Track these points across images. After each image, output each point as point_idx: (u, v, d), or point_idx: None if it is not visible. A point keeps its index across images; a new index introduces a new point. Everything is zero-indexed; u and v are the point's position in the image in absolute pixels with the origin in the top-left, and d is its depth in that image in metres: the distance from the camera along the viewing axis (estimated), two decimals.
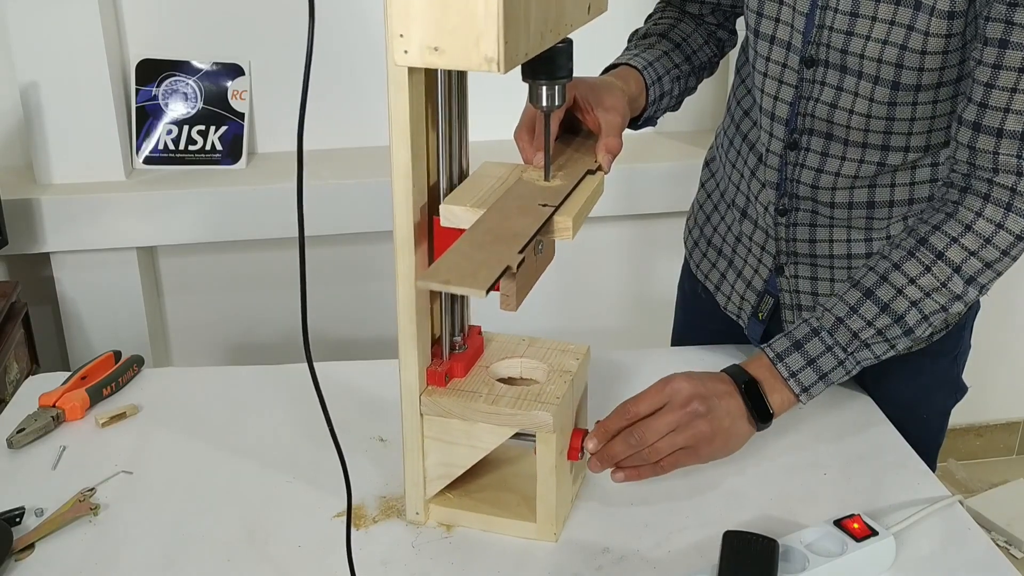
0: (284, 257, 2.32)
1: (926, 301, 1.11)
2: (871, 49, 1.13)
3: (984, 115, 1.07)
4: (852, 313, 1.12)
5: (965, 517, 1.14)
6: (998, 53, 1.04)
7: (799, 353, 1.13)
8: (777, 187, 1.30)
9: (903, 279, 1.11)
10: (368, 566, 1.04)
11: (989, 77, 1.05)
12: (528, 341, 1.15)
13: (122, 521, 1.13)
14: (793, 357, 1.13)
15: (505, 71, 0.86)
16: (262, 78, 2.26)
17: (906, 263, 1.11)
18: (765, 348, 1.15)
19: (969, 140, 1.09)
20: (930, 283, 1.10)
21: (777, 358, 1.13)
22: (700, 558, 1.07)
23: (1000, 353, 2.73)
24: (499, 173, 1.07)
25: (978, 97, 1.07)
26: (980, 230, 1.09)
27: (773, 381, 1.13)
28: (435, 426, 1.06)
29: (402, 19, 0.87)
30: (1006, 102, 1.05)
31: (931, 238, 1.10)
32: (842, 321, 1.12)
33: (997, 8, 1.03)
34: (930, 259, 1.10)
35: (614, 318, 2.56)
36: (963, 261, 1.09)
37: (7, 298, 1.94)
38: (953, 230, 1.10)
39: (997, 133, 1.06)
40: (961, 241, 1.09)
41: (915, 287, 1.10)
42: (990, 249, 1.09)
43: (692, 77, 1.37)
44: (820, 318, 1.14)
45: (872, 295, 1.12)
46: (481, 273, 0.88)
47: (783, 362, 1.13)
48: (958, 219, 1.10)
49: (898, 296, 1.11)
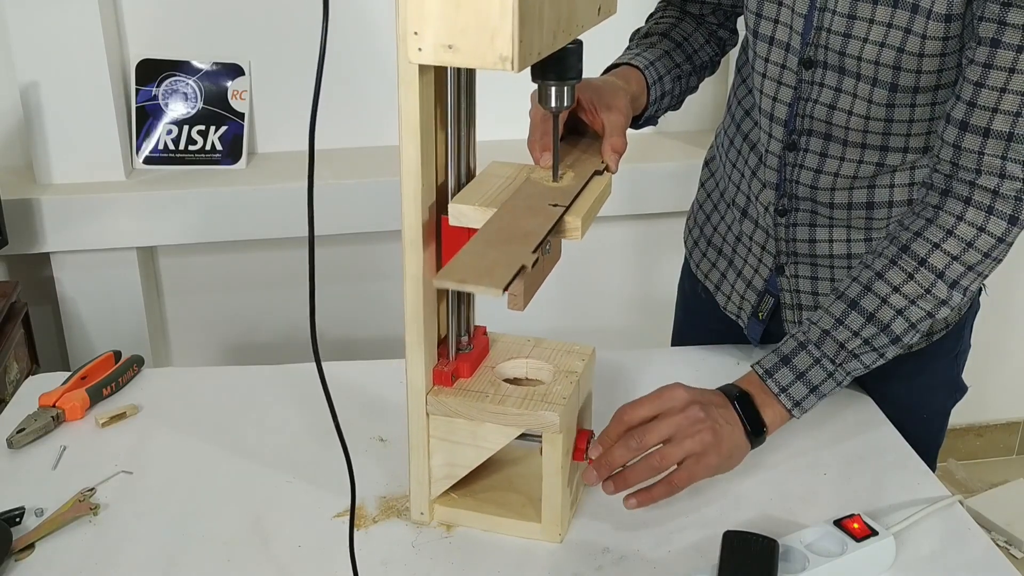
0: (284, 257, 2.32)
1: (911, 309, 1.10)
2: (868, 51, 1.13)
3: (972, 114, 1.06)
4: (838, 325, 1.12)
5: (965, 517, 1.14)
6: (989, 52, 1.04)
7: (788, 368, 1.13)
8: (776, 187, 1.30)
9: (887, 288, 1.10)
10: (368, 566, 1.04)
11: (979, 76, 1.05)
12: (534, 342, 1.15)
13: (122, 521, 1.13)
14: (782, 372, 1.13)
15: (519, 70, 0.86)
16: (262, 78, 2.26)
17: (889, 271, 1.10)
18: (754, 366, 1.15)
19: (955, 139, 1.08)
20: (914, 290, 1.10)
21: (767, 374, 1.13)
22: (700, 558, 1.07)
23: (1000, 353, 2.73)
24: (507, 173, 1.07)
25: (967, 96, 1.07)
26: (961, 234, 1.08)
27: (765, 397, 1.13)
28: (441, 426, 1.06)
29: (416, 17, 0.87)
30: (995, 101, 1.05)
31: (913, 245, 1.10)
32: (828, 333, 1.12)
33: (991, 8, 1.03)
34: (912, 266, 1.09)
35: (617, 317, 2.56)
36: (946, 266, 1.09)
37: (7, 298, 1.94)
38: (934, 236, 1.09)
39: (984, 132, 1.06)
40: (943, 246, 1.08)
41: (899, 295, 1.10)
42: (972, 252, 1.08)
43: (693, 76, 1.37)
44: (807, 332, 1.14)
45: (857, 306, 1.11)
46: (497, 272, 0.88)
47: (772, 378, 1.13)
48: (939, 224, 1.09)
49: (883, 305, 1.10)
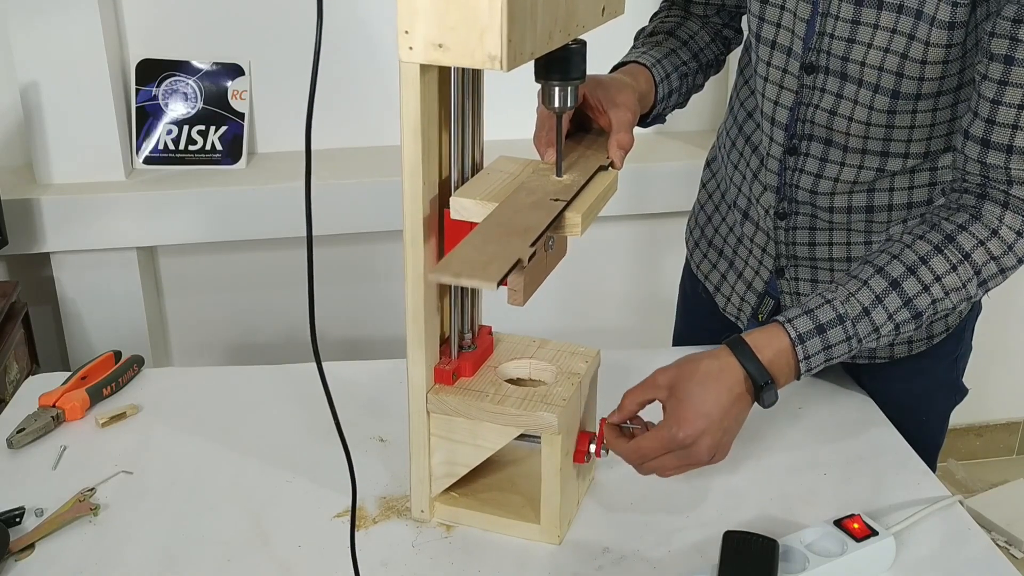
0: (284, 257, 2.32)
1: (944, 301, 1.09)
2: (872, 57, 1.13)
3: (992, 131, 1.06)
4: (877, 303, 1.08)
5: (965, 517, 1.14)
6: (1004, 69, 1.04)
7: (819, 338, 1.08)
8: (777, 191, 1.30)
9: (930, 275, 1.08)
10: (368, 566, 1.04)
11: (995, 93, 1.05)
12: (538, 343, 1.15)
13: (122, 521, 1.13)
14: (813, 342, 1.08)
15: (508, 69, 0.86)
16: (262, 78, 2.26)
17: (934, 259, 1.08)
18: (786, 326, 1.08)
19: (979, 155, 1.08)
20: (953, 283, 1.08)
21: (799, 339, 1.07)
22: (700, 558, 1.07)
23: (1000, 353, 2.73)
24: (512, 168, 1.07)
25: (985, 113, 1.06)
26: (1004, 236, 1.08)
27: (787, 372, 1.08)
28: (441, 424, 1.06)
29: (407, 15, 0.87)
30: (1014, 118, 1.05)
31: (959, 237, 1.08)
32: (867, 313, 1.08)
33: (1002, 24, 1.03)
34: (958, 258, 1.08)
35: (619, 317, 2.56)
36: (984, 264, 1.08)
37: (7, 298, 1.94)
38: (980, 233, 1.08)
39: (1007, 150, 1.06)
40: (987, 245, 1.08)
41: (939, 285, 1.08)
42: (1010, 256, 1.09)
43: (699, 74, 1.37)
44: (845, 303, 1.08)
45: (899, 287, 1.08)
46: (492, 266, 0.88)
47: (803, 345, 1.07)
48: (984, 223, 1.08)
49: (923, 293, 1.08)
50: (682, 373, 1.07)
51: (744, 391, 1.07)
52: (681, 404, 1.05)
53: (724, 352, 1.08)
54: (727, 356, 1.07)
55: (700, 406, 1.04)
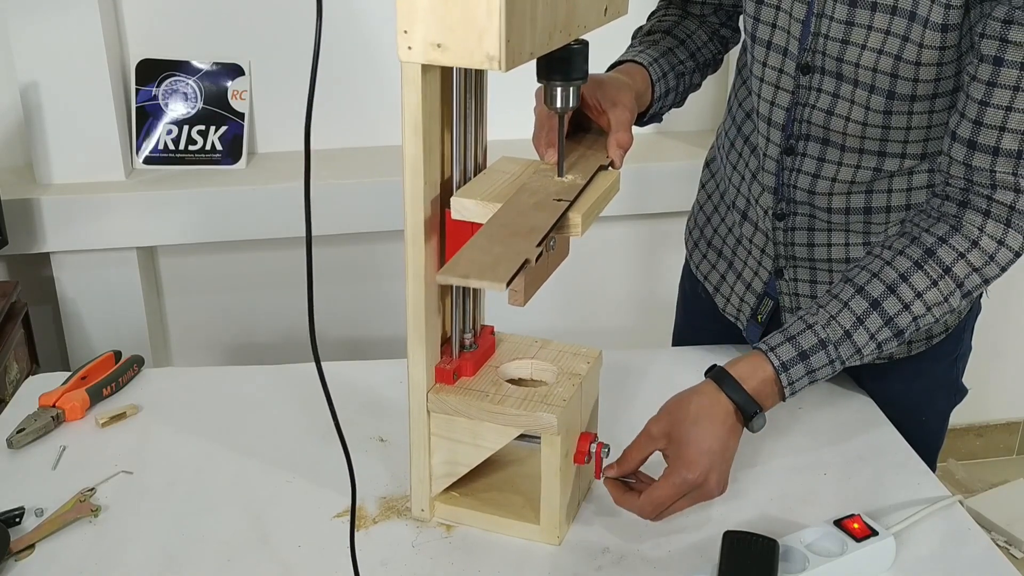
0: (284, 257, 2.32)
1: (926, 316, 1.09)
2: (866, 58, 1.13)
3: (979, 133, 1.06)
4: (858, 325, 1.09)
5: (965, 517, 1.14)
6: (992, 70, 1.03)
7: (802, 364, 1.10)
8: (775, 191, 1.30)
9: (911, 293, 1.08)
10: (368, 566, 1.04)
11: (983, 95, 1.05)
12: (540, 343, 1.15)
13: (122, 521, 1.13)
14: (796, 368, 1.10)
15: (507, 69, 0.86)
16: (262, 78, 2.26)
17: (914, 275, 1.08)
18: (769, 355, 1.09)
19: (964, 157, 1.08)
20: (934, 298, 1.08)
21: (782, 367, 1.09)
22: (700, 558, 1.07)
23: (1000, 353, 2.73)
24: (513, 169, 1.07)
25: (972, 114, 1.06)
26: (984, 246, 1.08)
27: (772, 398, 1.10)
28: (441, 424, 1.06)
29: (406, 15, 0.87)
30: (1001, 120, 1.04)
31: (939, 251, 1.08)
32: (849, 336, 1.09)
33: (992, 25, 1.02)
34: (937, 273, 1.08)
35: (620, 317, 2.56)
36: (966, 276, 1.08)
37: (7, 298, 1.94)
38: (960, 245, 1.08)
39: (993, 151, 1.06)
40: (968, 257, 1.08)
41: (920, 302, 1.08)
42: (992, 266, 1.08)
43: (697, 73, 1.37)
44: (826, 326, 1.09)
45: (879, 307, 1.09)
46: (500, 266, 0.88)
47: (787, 372, 1.09)
48: (964, 234, 1.08)
49: (904, 311, 1.09)
50: (674, 419, 1.08)
51: (735, 421, 1.09)
52: (683, 448, 1.06)
53: (710, 387, 1.09)
54: (714, 391, 1.09)
55: (701, 444, 1.06)
